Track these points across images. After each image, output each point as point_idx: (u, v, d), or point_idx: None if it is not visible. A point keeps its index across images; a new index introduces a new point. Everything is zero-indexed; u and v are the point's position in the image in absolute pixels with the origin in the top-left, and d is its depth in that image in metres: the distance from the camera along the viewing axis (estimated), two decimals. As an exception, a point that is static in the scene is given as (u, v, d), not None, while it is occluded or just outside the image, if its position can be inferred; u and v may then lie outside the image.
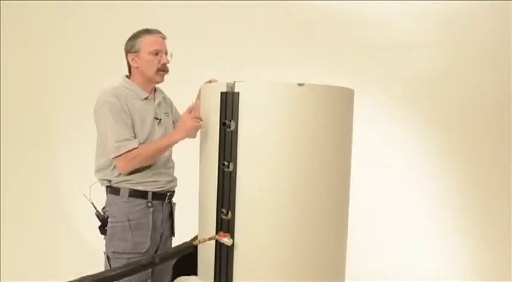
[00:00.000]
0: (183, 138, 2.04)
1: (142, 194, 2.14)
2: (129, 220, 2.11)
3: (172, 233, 2.37)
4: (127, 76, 2.29)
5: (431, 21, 4.18)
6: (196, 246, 1.97)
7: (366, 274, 3.46)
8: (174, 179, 2.34)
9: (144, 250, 2.15)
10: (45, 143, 4.46)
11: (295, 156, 1.84)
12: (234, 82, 1.90)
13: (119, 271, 1.66)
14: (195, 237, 2.09)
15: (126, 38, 2.27)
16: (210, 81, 2.17)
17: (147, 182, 2.15)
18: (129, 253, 2.11)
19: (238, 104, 1.84)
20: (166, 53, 2.24)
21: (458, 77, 4.16)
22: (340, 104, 1.96)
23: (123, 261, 2.04)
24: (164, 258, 1.79)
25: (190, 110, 2.01)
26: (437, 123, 4.21)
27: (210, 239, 1.92)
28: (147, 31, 2.23)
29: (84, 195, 2.12)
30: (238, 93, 1.85)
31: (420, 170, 4.22)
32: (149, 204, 2.16)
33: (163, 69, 2.23)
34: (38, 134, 4.45)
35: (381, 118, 4.20)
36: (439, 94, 4.19)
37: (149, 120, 2.22)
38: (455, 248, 3.97)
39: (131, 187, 2.12)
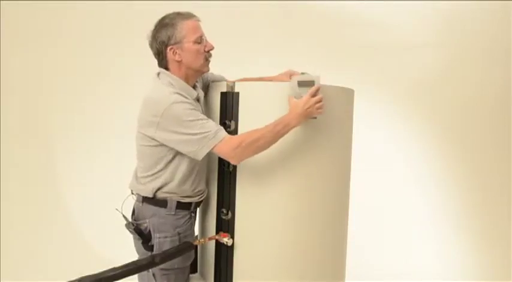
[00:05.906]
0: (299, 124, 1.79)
1: (187, 205, 1.94)
2: (178, 234, 1.91)
3: None
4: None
5: (431, 22, 4.17)
6: (196, 246, 1.97)
7: (366, 274, 3.46)
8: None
9: (189, 263, 2.00)
10: (45, 143, 4.45)
11: (295, 156, 1.84)
12: (234, 82, 1.90)
13: (118, 271, 1.66)
14: (196, 237, 2.09)
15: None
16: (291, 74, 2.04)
17: (193, 193, 1.94)
18: (177, 268, 1.93)
19: (238, 104, 1.85)
20: None
21: (458, 77, 4.15)
22: (340, 104, 1.96)
23: (171, 277, 1.92)
24: (164, 258, 1.78)
25: (313, 93, 1.77)
26: (438, 123, 4.20)
27: (210, 239, 1.93)
28: (181, 15, 1.89)
29: (117, 209, 1.90)
30: (238, 93, 1.85)
31: (420, 170, 4.21)
32: (192, 214, 1.98)
33: (208, 58, 1.92)
34: (38, 134, 4.45)
35: (381, 118, 4.20)
36: (439, 94, 4.18)
37: None
38: (455, 248, 3.96)
39: (179, 199, 1.91)
